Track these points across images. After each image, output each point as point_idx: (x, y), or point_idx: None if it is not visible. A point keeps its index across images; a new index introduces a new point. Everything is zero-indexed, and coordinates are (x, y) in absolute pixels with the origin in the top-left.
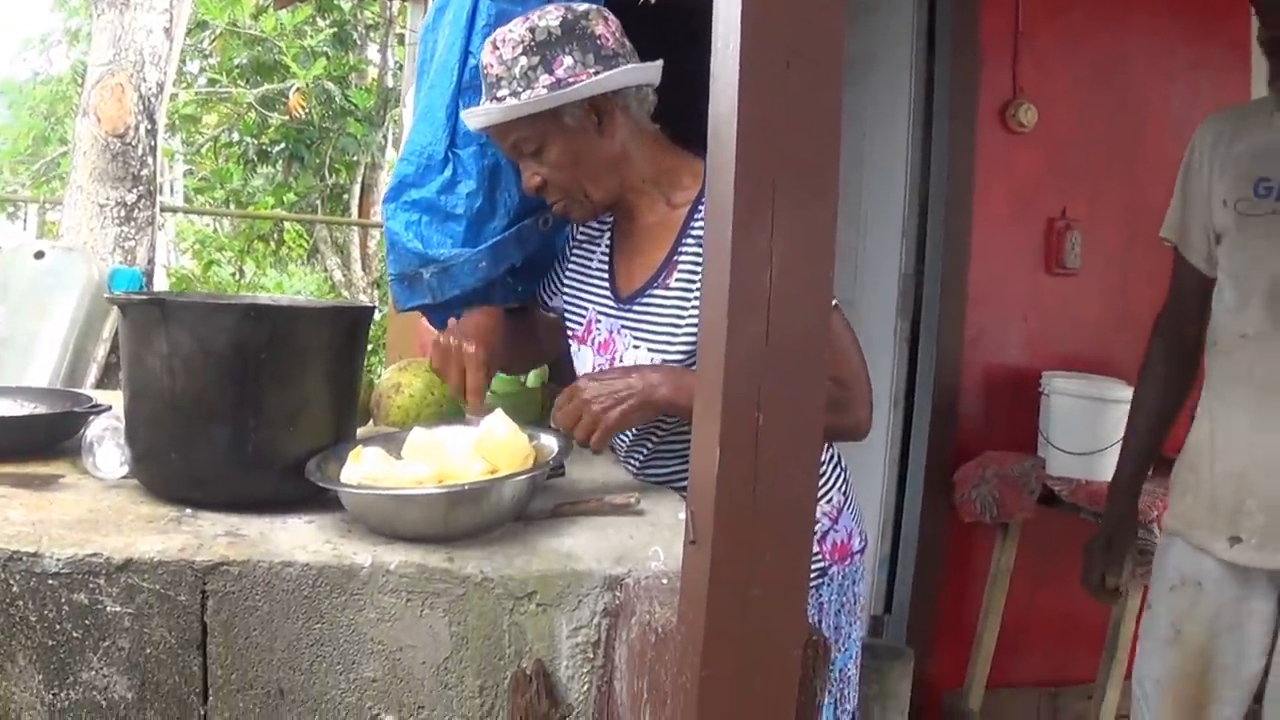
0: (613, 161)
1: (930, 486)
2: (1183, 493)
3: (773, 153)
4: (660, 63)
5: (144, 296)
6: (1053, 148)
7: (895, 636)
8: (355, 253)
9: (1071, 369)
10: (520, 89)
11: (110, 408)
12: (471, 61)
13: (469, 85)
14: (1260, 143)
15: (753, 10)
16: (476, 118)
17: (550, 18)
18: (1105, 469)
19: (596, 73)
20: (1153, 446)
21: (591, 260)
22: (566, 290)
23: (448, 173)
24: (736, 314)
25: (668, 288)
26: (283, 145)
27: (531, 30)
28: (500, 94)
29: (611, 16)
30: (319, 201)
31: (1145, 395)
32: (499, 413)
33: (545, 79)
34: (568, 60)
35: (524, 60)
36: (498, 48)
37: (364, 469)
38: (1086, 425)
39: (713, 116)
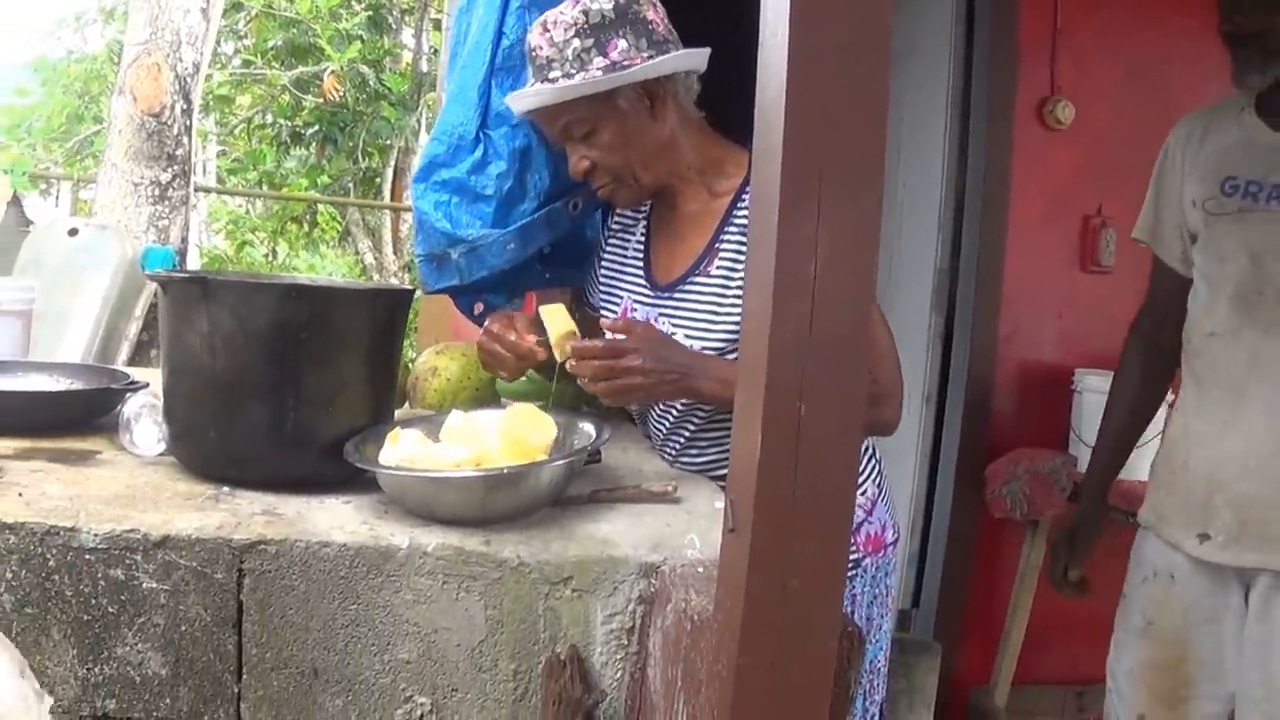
0: (663, 146)
1: (961, 482)
2: (1157, 487)
3: (820, 142)
4: (707, 50)
5: (186, 274)
6: (1089, 145)
7: (923, 631)
8: (387, 236)
9: (1104, 367)
10: (574, 71)
11: (147, 385)
12: (505, 42)
13: (502, 66)
14: (1227, 141)
15: (801, 2)
16: (527, 99)
17: (602, 1)
18: (1137, 468)
19: (650, 57)
20: (1126, 444)
21: (627, 249)
22: (601, 280)
23: (478, 153)
24: (780, 302)
25: (709, 275)
26: (316, 128)
27: (585, 13)
28: (552, 75)
29: (658, 3)
30: (351, 184)
31: (1120, 393)
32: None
33: (599, 61)
34: (621, 43)
35: (577, 42)
36: (548, 29)
37: (402, 451)
38: None
39: (760, 104)
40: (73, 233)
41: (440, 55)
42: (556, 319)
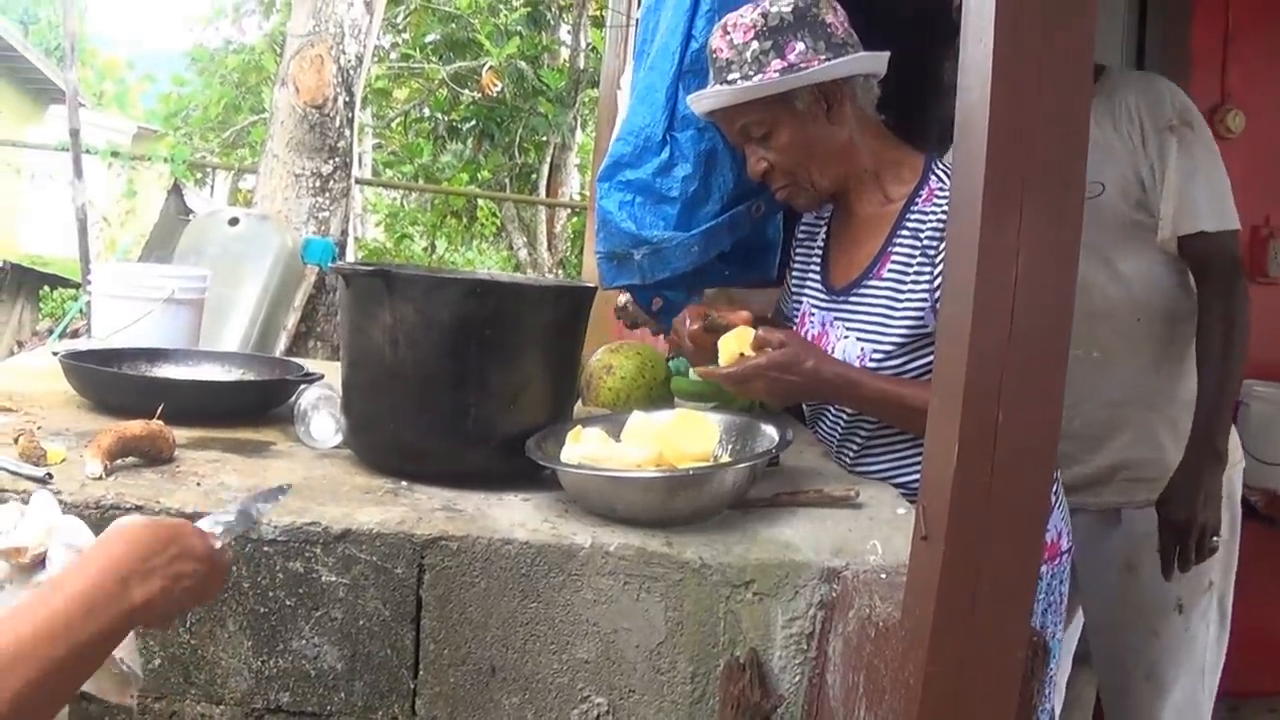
0: (840, 149)
1: None
2: None
3: (1023, 149)
4: (887, 54)
5: (369, 267)
6: (1259, 155)
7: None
8: (542, 232)
9: (1273, 379)
10: (752, 72)
11: (323, 376)
12: (693, 45)
13: (690, 69)
14: None
15: (1007, 8)
16: (706, 100)
17: (782, 3)
18: None
19: (827, 59)
20: None
21: (811, 254)
22: (791, 287)
23: (664, 155)
24: (980, 310)
25: (881, 279)
26: (473, 123)
27: (764, 15)
28: (731, 77)
29: (839, 6)
30: (507, 180)
31: None
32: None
33: (777, 63)
34: (800, 46)
35: (756, 45)
36: (728, 32)
37: (584, 449)
38: None
39: (962, 109)
40: (233, 222)
41: (605, 52)
42: (729, 347)
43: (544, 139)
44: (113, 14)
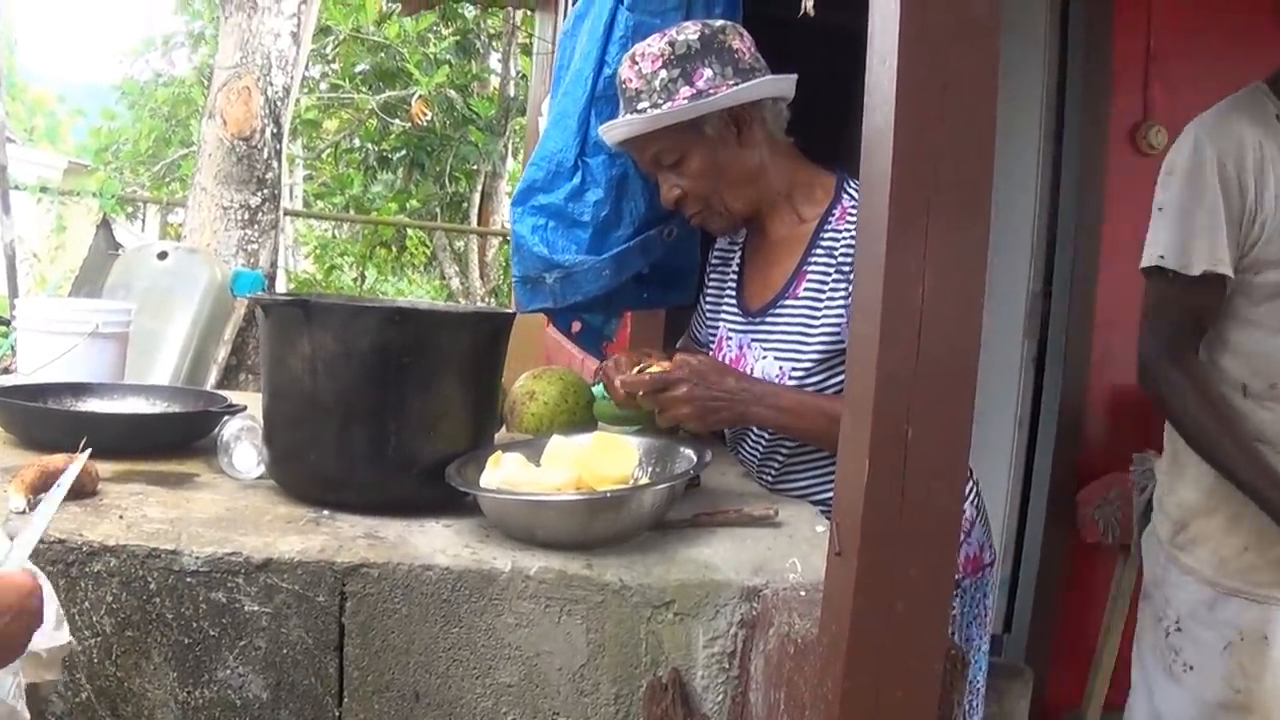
0: (752, 172)
1: (1053, 506)
2: (1234, 545)
3: (928, 171)
4: (795, 76)
5: (288, 297)
6: None
7: (1015, 656)
8: (474, 260)
9: None
10: (661, 100)
11: (245, 408)
12: (606, 71)
13: (602, 95)
14: None
15: (910, 30)
16: (618, 130)
17: (688, 32)
18: None
19: (736, 84)
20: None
21: (726, 280)
22: (705, 313)
23: (576, 180)
24: (888, 329)
25: (797, 298)
26: (403, 152)
27: (671, 44)
28: (641, 106)
29: (746, 33)
30: (438, 209)
31: (1217, 424)
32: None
33: (686, 90)
34: (707, 72)
35: (664, 73)
36: (636, 62)
37: (503, 474)
38: None
39: (867, 131)
40: (162, 256)
41: (532, 79)
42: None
43: (475, 167)
44: (43, 48)
